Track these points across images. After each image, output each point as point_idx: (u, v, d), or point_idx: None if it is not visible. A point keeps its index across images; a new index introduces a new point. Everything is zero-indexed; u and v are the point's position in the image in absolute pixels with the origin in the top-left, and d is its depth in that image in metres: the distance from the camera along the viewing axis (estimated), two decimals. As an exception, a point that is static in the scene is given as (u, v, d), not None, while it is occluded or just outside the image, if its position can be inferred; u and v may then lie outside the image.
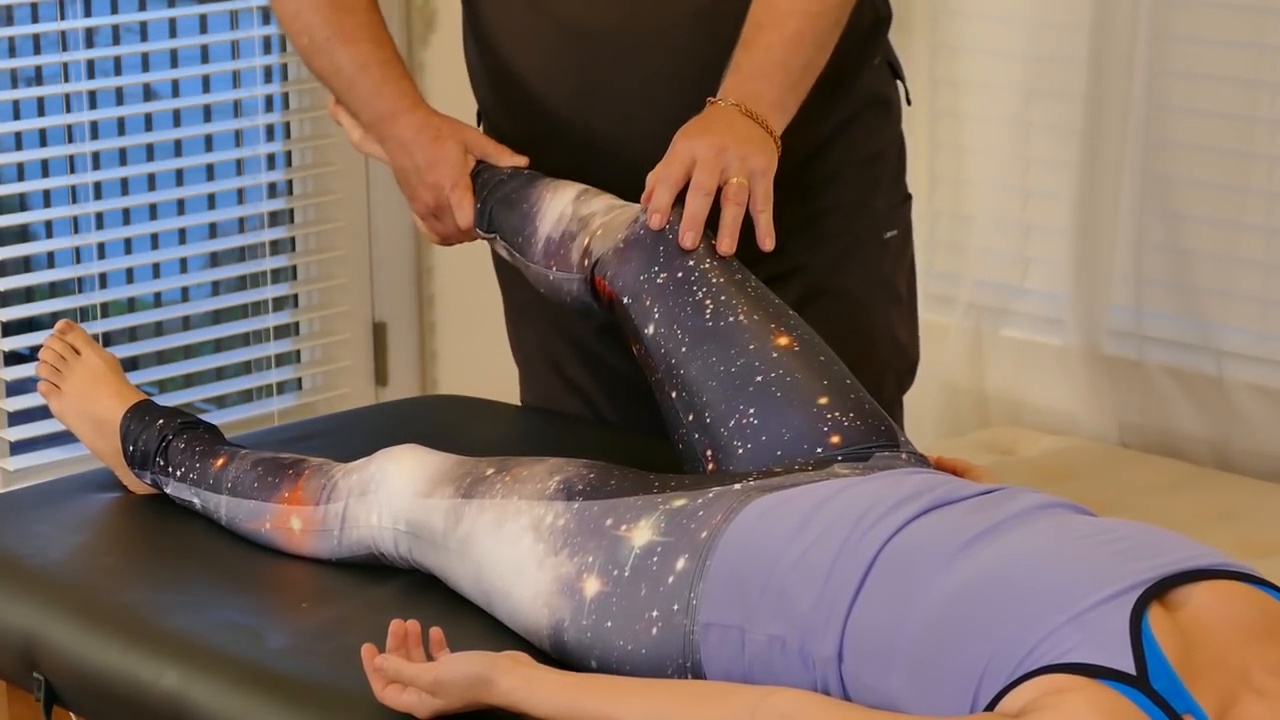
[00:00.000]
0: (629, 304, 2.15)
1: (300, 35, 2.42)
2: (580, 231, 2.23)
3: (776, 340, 2.06)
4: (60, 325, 2.43)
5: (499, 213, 2.32)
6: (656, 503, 1.92)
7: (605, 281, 2.18)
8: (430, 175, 2.34)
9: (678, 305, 2.11)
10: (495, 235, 2.33)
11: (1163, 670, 1.56)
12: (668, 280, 2.12)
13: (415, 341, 4.06)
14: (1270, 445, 3.14)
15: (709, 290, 2.10)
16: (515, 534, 1.97)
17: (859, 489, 1.85)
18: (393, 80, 2.37)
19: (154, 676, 1.98)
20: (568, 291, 2.24)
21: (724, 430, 2.04)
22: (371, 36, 2.39)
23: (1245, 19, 3.09)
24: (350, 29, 2.38)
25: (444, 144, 2.34)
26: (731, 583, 1.81)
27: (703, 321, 2.09)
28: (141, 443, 2.31)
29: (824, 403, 2.01)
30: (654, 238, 2.14)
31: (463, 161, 2.33)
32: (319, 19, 2.39)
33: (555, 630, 1.91)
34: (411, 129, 2.35)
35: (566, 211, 2.26)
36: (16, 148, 3.84)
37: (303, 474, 2.19)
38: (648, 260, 2.14)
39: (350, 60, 2.38)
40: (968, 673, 1.62)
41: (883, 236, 2.52)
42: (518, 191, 2.32)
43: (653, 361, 2.13)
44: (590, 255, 2.20)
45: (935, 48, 3.43)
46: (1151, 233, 3.21)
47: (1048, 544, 1.71)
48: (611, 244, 2.18)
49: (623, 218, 2.20)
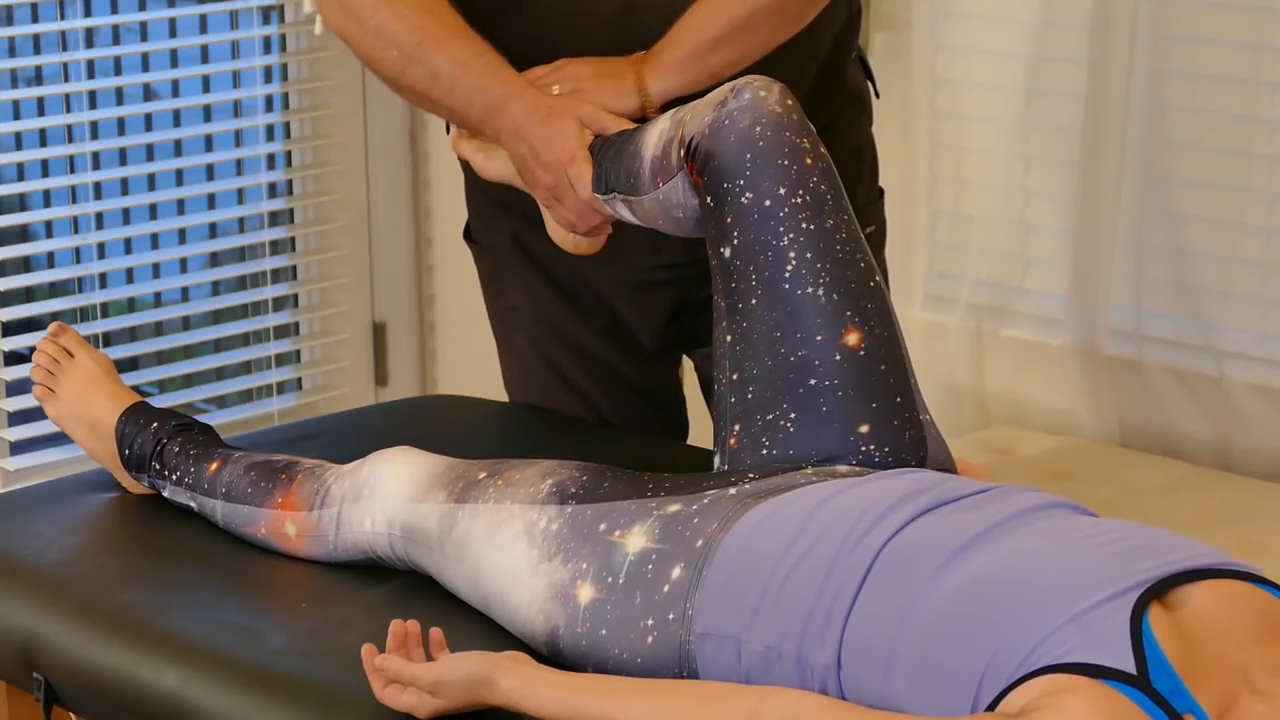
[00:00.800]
0: (712, 206, 2.04)
1: (387, 50, 2.33)
2: (676, 132, 2.09)
3: (845, 338, 1.98)
4: (52, 328, 2.42)
5: (610, 168, 2.19)
6: (650, 508, 1.91)
7: (695, 166, 2.04)
8: (547, 154, 2.25)
9: (760, 243, 2.00)
10: (613, 193, 2.19)
11: (1163, 670, 1.56)
12: (752, 204, 2.01)
13: (415, 341, 4.06)
14: (1270, 445, 3.14)
15: (795, 238, 2.00)
16: (509, 539, 1.96)
17: (854, 492, 1.84)
18: (494, 69, 2.30)
19: (154, 676, 1.98)
20: (678, 204, 2.10)
21: (759, 418, 2.00)
22: (461, 34, 2.32)
23: (1245, 19, 3.09)
24: (437, 31, 2.32)
25: (557, 120, 2.26)
26: (728, 593, 1.81)
27: (781, 278, 1.99)
28: (137, 446, 2.31)
29: (864, 431, 1.97)
30: (742, 136, 2.00)
31: (579, 135, 2.24)
32: (403, 27, 2.32)
33: (551, 637, 1.90)
34: (523, 111, 2.27)
35: (664, 125, 2.13)
36: (16, 148, 3.84)
37: (295, 478, 2.19)
38: (733, 164, 2.01)
39: (447, 61, 2.31)
40: (968, 674, 1.62)
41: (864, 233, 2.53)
42: (625, 138, 2.21)
43: (720, 284, 2.04)
44: (684, 142, 2.06)
45: (935, 48, 3.43)
46: (1151, 233, 3.21)
47: (1047, 544, 1.71)
48: (699, 124, 2.04)
49: (710, 98, 2.06)
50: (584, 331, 2.55)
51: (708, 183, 2.02)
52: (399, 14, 2.32)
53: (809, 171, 2.00)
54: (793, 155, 2.00)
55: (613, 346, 2.56)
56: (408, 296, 4.02)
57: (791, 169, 2.00)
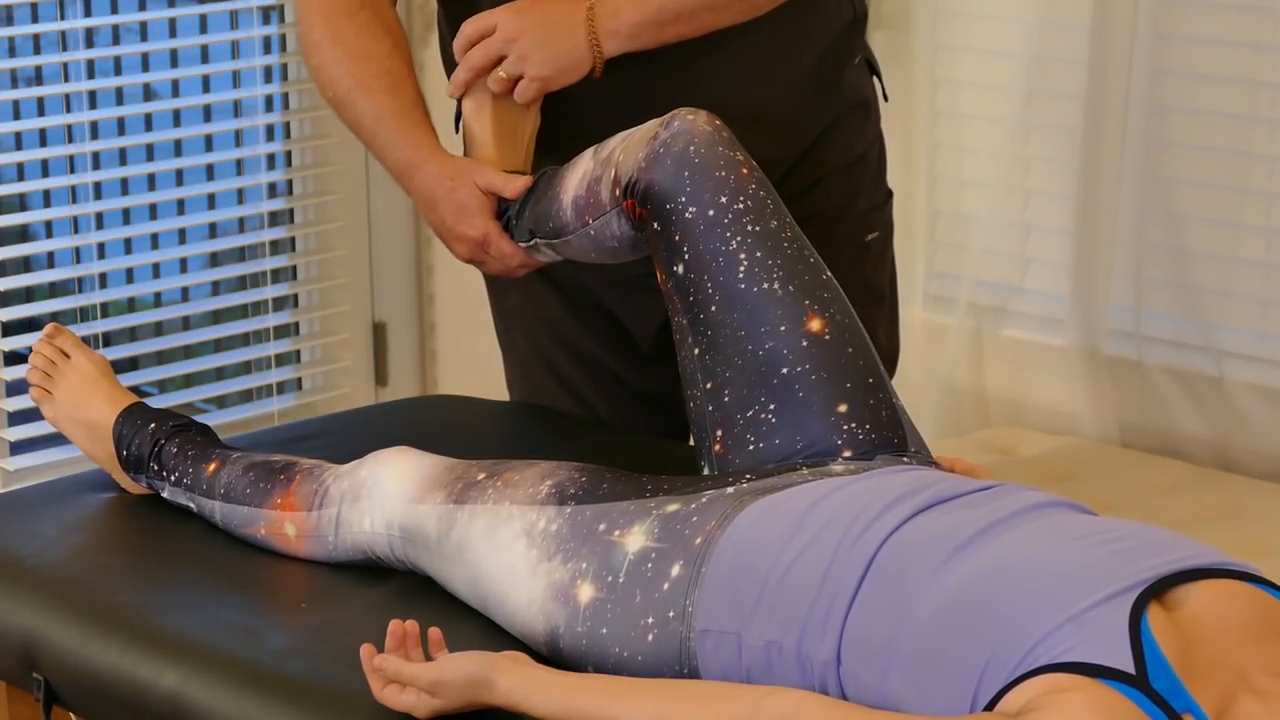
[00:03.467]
0: (658, 230, 2.08)
1: (326, 88, 2.40)
2: (604, 171, 2.14)
3: (809, 325, 2.01)
4: (48, 330, 2.41)
5: (529, 216, 2.26)
6: (649, 507, 1.91)
7: (635, 203, 2.09)
8: (458, 227, 2.30)
9: (709, 252, 2.04)
10: (534, 239, 2.25)
11: (1162, 669, 1.56)
12: (697, 216, 2.05)
13: (415, 341, 4.06)
14: (1270, 445, 3.14)
15: (744, 241, 2.04)
16: (508, 540, 1.96)
17: (853, 489, 1.84)
18: (407, 130, 2.34)
19: (153, 676, 1.98)
20: (613, 236, 2.15)
21: (740, 418, 2.02)
22: (390, 85, 2.36)
23: (1245, 19, 3.09)
24: (369, 79, 2.36)
25: (460, 194, 2.29)
26: (727, 589, 1.81)
27: (735, 280, 2.03)
28: (135, 447, 2.31)
29: (843, 410, 1.99)
30: (678, 159, 2.05)
31: (483, 207, 2.28)
32: (340, 71, 2.37)
33: (551, 637, 1.90)
34: (430, 180, 2.31)
35: (586, 166, 2.19)
36: (16, 148, 3.83)
37: (294, 478, 2.19)
38: (673, 185, 2.05)
39: (370, 112, 2.36)
40: (967, 672, 1.62)
41: (864, 240, 2.53)
42: (541, 187, 2.25)
43: (677, 304, 2.08)
44: (619, 182, 2.11)
45: (935, 48, 3.43)
46: (1151, 233, 3.21)
47: (1047, 543, 1.71)
48: (634, 162, 2.09)
49: (640, 135, 2.11)
50: (583, 333, 2.55)
51: (651, 211, 2.07)
52: (337, 57, 2.38)
53: (746, 180, 2.06)
54: (728, 167, 2.05)
55: (611, 349, 2.56)
56: (408, 296, 4.02)
57: (729, 178, 2.05)
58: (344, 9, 2.39)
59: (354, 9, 2.39)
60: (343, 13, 2.39)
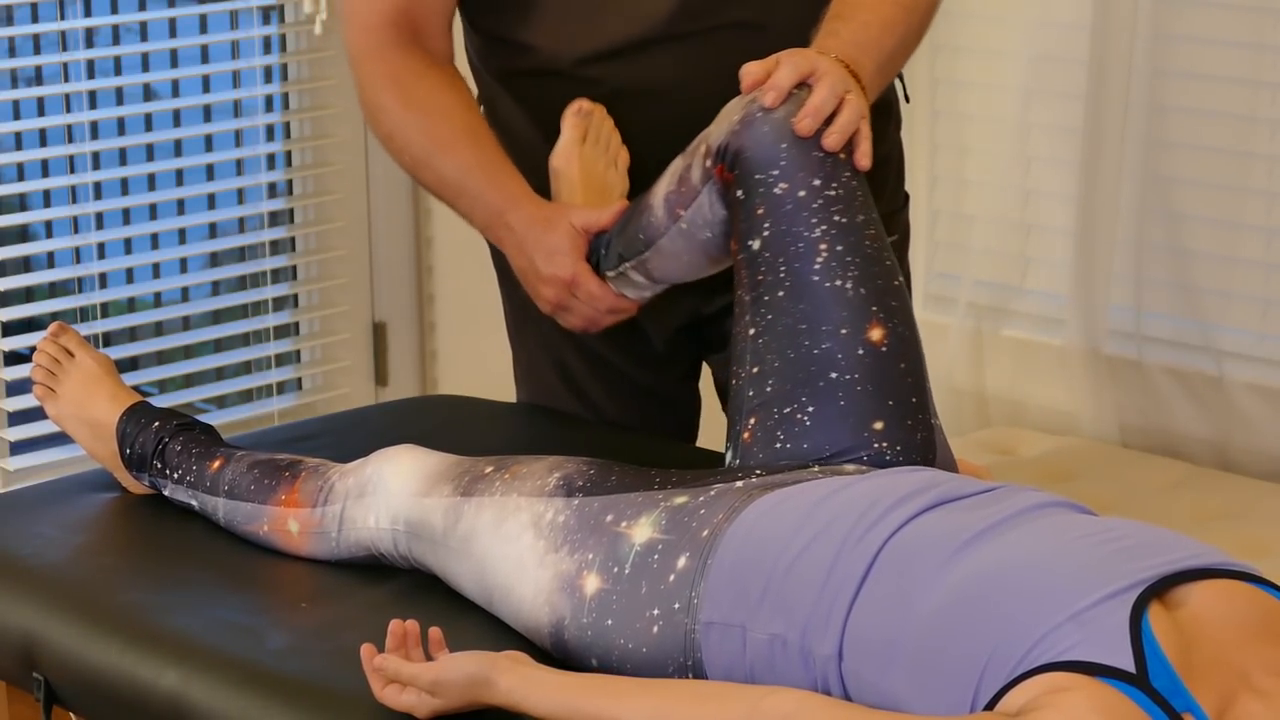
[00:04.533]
0: (741, 199, 2.00)
1: (401, 154, 2.36)
2: (694, 157, 2.07)
3: (870, 333, 1.97)
4: (53, 328, 2.42)
5: (620, 242, 2.20)
6: (657, 499, 1.91)
7: (724, 167, 2.01)
8: (548, 268, 2.25)
9: (790, 235, 1.98)
10: (623, 265, 2.20)
11: (1162, 669, 1.56)
12: (785, 195, 1.98)
13: (415, 341, 4.06)
14: (1270, 445, 3.14)
15: (827, 231, 1.98)
16: (515, 531, 1.97)
17: (860, 486, 1.85)
18: (496, 179, 2.30)
19: (154, 676, 1.98)
20: (705, 224, 2.08)
21: (776, 412, 1.99)
22: (471, 141, 2.32)
23: (1245, 19, 3.09)
24: (446, 137, 2.32)
25: (553, 234, 2.25)
26: (733, 582, 1.81)
27: (810, 270, 1.97)
28: (138, 446, 2.31)
29: (878, 428, 1.97)
30: (777, 127, 1.97)
31: (574, 248, 2.24)
32: (414, 132, 2.33)
33: (556, 628, 1.91)
34: (522, 224, 2.27)
35: (675, 166, 2.11)
36: (16, 148, 3.84)
37: (299, 476, 2.19)
38: (766, 156, 1.98)
39: (454, 168, 2.31)
40: (968, 670, 1.62)
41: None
42: (631, 211, 2.20)
43: (744, 279, 2.02)
44: (710, 151, 2.03)
45: (935, 48, 3.43)
46: (1151, 233, 3.21)
47: (1048, 542, 1.71)
48: (727, 125, 2.01)
49: (734, 103, 2.03)
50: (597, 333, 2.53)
51: (739, 176, 2.00)
52: (410, 120, 2.34)
53: (842, 165, 2.00)
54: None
55: (623, 347, 2.55)
56: (408, 296, 4.02)
57: (826, 160, 1.99)
58: (411, 71, 2.35)
59: (421, 70, 2.35)
60: (410, 75, 2.35)
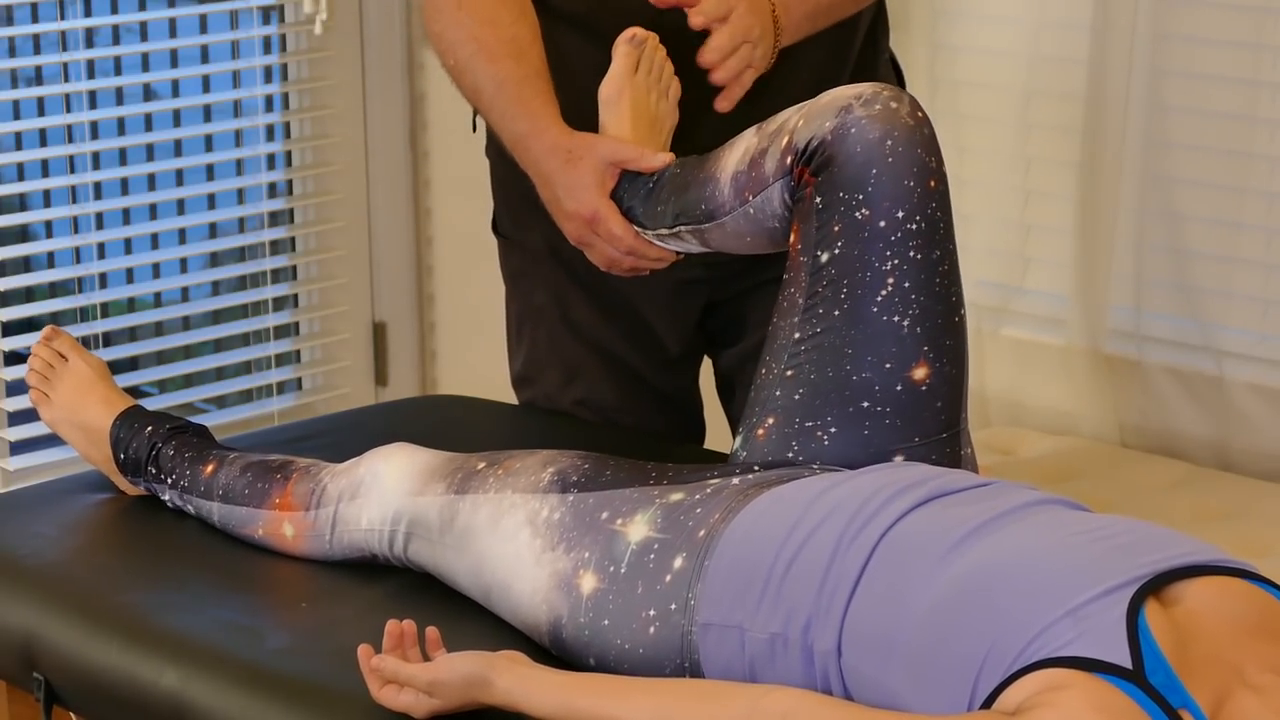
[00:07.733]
0: (819, 207, 1.95)
1: (447, 55, 2.31)
2: (772, 142, 2.00)
3: (914, 371, 1.94)
4: (46, 331, 2.41)
5: (678, 202, 2.12)
6: (653, 496, 1.91)
7: (808, 170, 1.95)
8: (568, 203, 2.19)
9: (861, 262, 1.93)
10: (678, 227, 2.12)
11: (1159, 665, 1.56)
12: (866, 221, 1.92)
13: (415, 341, 4.06)
14: (1270, 445, 3.14)
15: (899, 265, 1.93)
16: (512, 530, 1.96)
17: (855, 483, 1.85)
18: (526, 100, 2.24)
19: (153, 676, 1.98)
20: (773, 215, 2.01)
21: (798, 423, 1.98)
22: (513, 52, 2.26)
23: (1245, 19, 3.08)
24: (493, 45, 2.26)
25: (576, 169, 2.19)
26: (730, 583, 1.81)
27: (871, 301, 1.93)
28: (132, 451, 2.31)
29: (897, 460, 1.96)
30: (870, 148, 1.91)
31: (599, 184, 2.17)
32: (463, 35, 2.28)
33: (554, 627, 1.91)
34: (543, 153, 2.21)
35: (749, 142, 2.05)
36: (16, 148, 3.84)
37: (291, 477, 2.19)
38: (855, 176, 1.92)
39: (490, 79, 2.26)
40: (965, 665, 1.63)
41: None
42: (691, 169, 2.12)
43: (802, 282, 1.97)
44: (794, 149, 1.97)
45: (935, 48, 3.43)
46: (1151, 233, 3.21)
47: (1045, 539, 1.71)
48: (818, 129, 1.94)
49: (827, 102, 1.97)
50: (610, 333, 2.53)
51: (820, 184, 1.95)
52: (460, 21, 2.29)
53: (931, 195, 1.95)
54: (919, 176, 1.94)
55: (637, 349, 2.54)
56: (408, 296, 4.02)
57: (915, 191, 1.93)
58: None
59: None
60: None
